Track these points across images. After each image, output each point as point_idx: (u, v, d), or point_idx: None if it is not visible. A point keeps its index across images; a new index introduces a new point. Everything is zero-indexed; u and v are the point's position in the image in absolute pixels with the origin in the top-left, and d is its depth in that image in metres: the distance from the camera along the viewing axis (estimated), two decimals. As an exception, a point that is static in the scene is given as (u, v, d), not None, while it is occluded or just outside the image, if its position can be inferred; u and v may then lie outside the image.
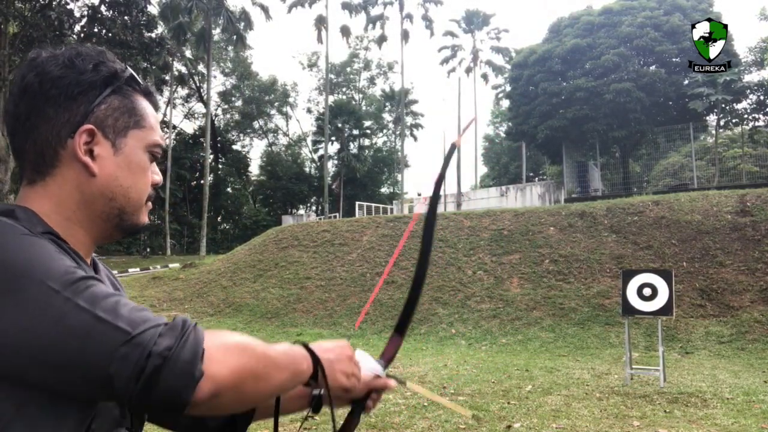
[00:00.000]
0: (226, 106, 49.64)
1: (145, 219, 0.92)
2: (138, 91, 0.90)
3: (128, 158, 0.87)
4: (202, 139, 41.79)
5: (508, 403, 6.00)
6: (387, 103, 51.52)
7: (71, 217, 0.84)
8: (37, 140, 0.82)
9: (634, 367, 7.38)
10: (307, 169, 51.47)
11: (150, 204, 0.94)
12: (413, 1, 59.73)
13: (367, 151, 49.27)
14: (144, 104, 0.90)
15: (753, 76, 23.82)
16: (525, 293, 12.05)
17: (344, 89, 53.87)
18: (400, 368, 8.29)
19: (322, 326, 12.54)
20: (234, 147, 50.05)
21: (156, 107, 0.95)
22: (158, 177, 0.93)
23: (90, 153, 0.83)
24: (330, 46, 45.54)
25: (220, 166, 47.25)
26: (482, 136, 58.55)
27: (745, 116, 23.84)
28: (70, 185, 0.83)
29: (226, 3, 34.14)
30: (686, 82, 22.78)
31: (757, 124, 23.93)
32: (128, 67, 0.90)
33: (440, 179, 1.16)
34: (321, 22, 39.19)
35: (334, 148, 45.22)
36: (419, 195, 34.70)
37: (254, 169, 53.04)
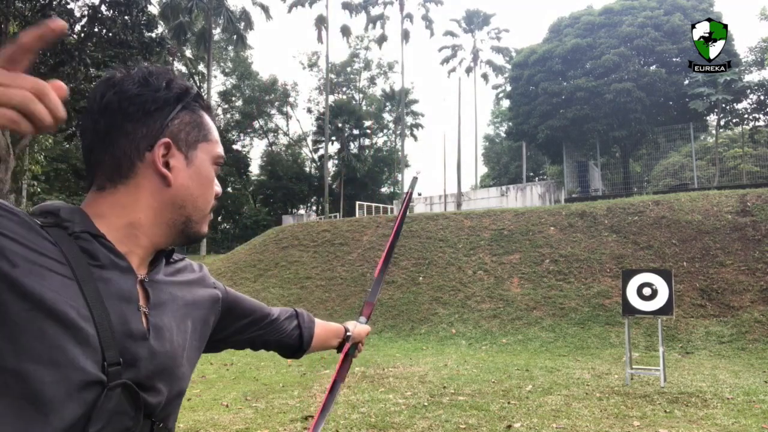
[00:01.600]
0: (226, 106, 49.63)
1: (206, 228, 0.96)
2: (202, 107, 0.95)
3: (198, 170, 0.92)
4: (202, 139, 41.71)
5: (509, 403, 6.00)
6: (387, 103, 51.52)
7: (136, 224, 0.88)
8: (116, 153, 0.87)
9: (634, 367, 7.38)
10: (307, 169, 51.47)
11: (211, 215, 0.98)
12: (413, 1, 59.74)
13: (367, 151, 49.27)
14: (207, 118, 0.96)
15: (753, 76, 23.84)
16: (525, 293, 12.05)
17: (344, 89, 53.87)
18: (400, 368, 8.29)
19: (322, 326, 12.54)
20: (234, 147, 50.02)
21: (214, 121, 1.00)
22: (219, 188, 0.98)
23: (167, 165, 0.88)
24: (330, 46, 45.61)
25: (220, 166, 47.20)
26: (482, 136, 58.63)
27: (746, 116, 23.83)
28: (144, 194, 0.88)
29: (227, 3, 34.14)
30: (686, 82, 22.77)
31: (757, 123, 23.91)
32: (194, 85, 0.96)
33: (405, 206, 1.42)
34: (321, 21, 39.19)
35: (334, 147, 45.23)
36: (419, 194, 34.68)
37: (254, 169, 53.08)
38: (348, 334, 1.45)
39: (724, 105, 22.33)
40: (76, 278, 0.77)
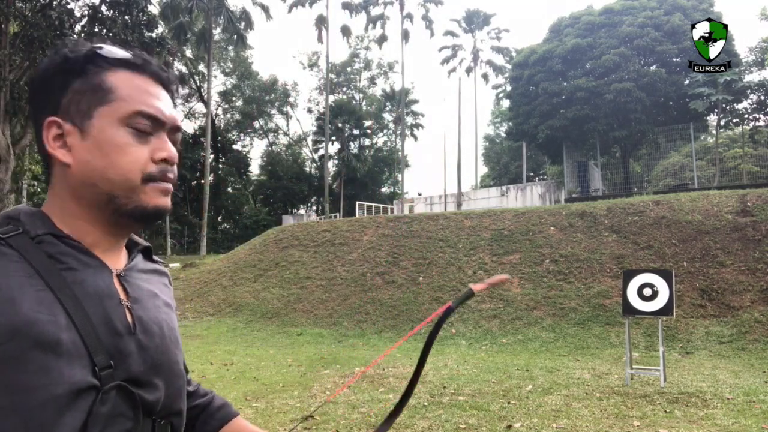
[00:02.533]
0: (226, 106, 49.66)
1: (154, 200, 0.84)
2: (111, 67, 0.84)
3: (97, 139, 0.82)
4: (202, 139, 41.77)
5: (509, 403, 6.00)
6: (387, 103, 51.54)
7: (72, 213, 0.84)
8: (40, 147, 0.85)
9: (634, 367, 7.38)
10: (307, 169, 51.49)
11: (165, 185, 0.86)
12: (413, 1, 59.71)
13: (367, 151, 49.30)
14: (118, 77, 0.84)
15: (753, 76, 23.84)
16: (525, 293, 12.05)
17: (345, 89, 53.89)
18: (400, 368, 8.29)
19: (322, 326, 12.54)
20: (234, 147, 50.07)
21: (155, 76, 0.88)
22: (163, 152, 0.85)
23: (66, 145, 0.82)
24: (330, 46, 45.62)
25: (220, 166, 47.27)
26: (482, 136, 58.65)
27: (746, 116, 23.83)
28: (59, 179, 0.84)
29: (227, 3, 34.13)
30: (687, 82, 22.76)
31: (757, 124, 23.91)
32: (92, 43, 0.85)
33: (448, 312, 1.13)
34: (321, 21, 39.19)
35: (334, 147, 45.24)
36: (419, 194, 34.69)
37: (254, 169, 53.13)
38: None
39: (724, 105, 22.32)
40: (50, 288, 0.74)
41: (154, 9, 34.85)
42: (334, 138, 44.56)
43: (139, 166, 0.83)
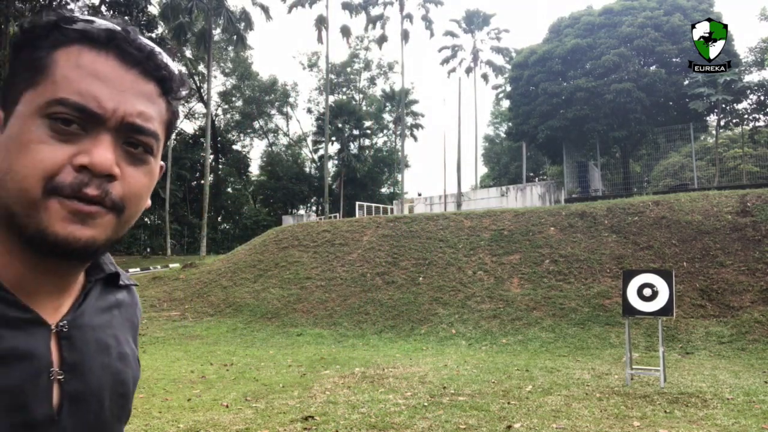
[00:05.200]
0: (226, 106, 49.69)
1: (56, 226, 0.59)
2: (67, 41, 0.63)
3: (7, 133, 0.61)
4: (202, 139, 41.80)
5: (509, 403, 6.00)
6: (387, 103, 51.56)
7: None
8: None
9: (634, 367, 7.38)
10: (307, 169, 51.51)
11: (73, 203, 0.60)
12: (413, 1, 59.75)
13: (367, 151, 49.31)
14: (67, 54, 0.62)
15: (753, 76, 23.87)
16: (525, 293, 12.05)
17: (344, 89, 53.92)
18: (400, 368, 8.29)
19: (322, 326, 12.54)
20: (234, 147, 50.11)
21: (121, 50, 0.64)
22: (85, 157, 0.60)
23: None
24: (330, 46, 45.61)
25: (220, 166, 47.30)
26: (482, 136, 58.67)
27: (746, 116, 23.85)
28: None
29: (227, 3, 34.13)
30: (686, 82, 22.78)
31: (757, 124, 23.93)
32: (62, 15, 0.64)
33: None
34: (321, 22, 39.20)
35: (334, 148, 45.24)
36: (419, 195, 34.68)
37: (254, 169, 53.19)
38: None
39: (724, 105, 22.33)
40: None
41: (154, 9, 34.94)
42: (334, 138, 44.56)
43: (42, 172, 0.58)
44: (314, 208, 50.03)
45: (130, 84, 0.64)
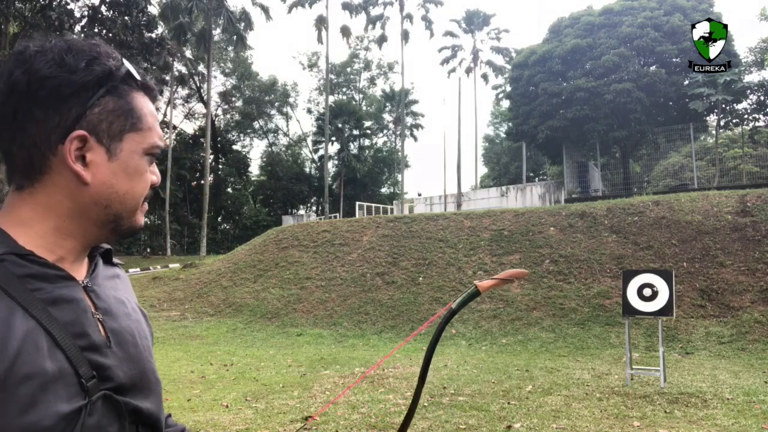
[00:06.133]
0: (226, 107, 49.67)
1: (141, 221, 0.87)
2: (135, 88, 0.84)
3: (125, 164, 0.81)
4: (202, 140, 41.79)
5: (509, 403, 6.00)
6: (387, 104, 51.58)
7: (60, 227, 0.80)
8: (25, 143, 0.76)
9: (634, 367, 7.38)
10: (307, 170, 51.53)
11: (146, 205, 0.89)
12: (413, 1, 59.77)
13: (367, 152, 49.33)
14: (142, 102, 0.84)
15: (753, 77, 23.90)
16: (525, 293, 12.05)
17: (344, 89, 53.93)
18: (400, 368, 8.29)
19: (322, 326, 12.54)
20: (234, 147, 50.11)
21: (154, 100, 0.89)
22: (156, 177, 0.88)
23: (82, 159, 0.78)
24: (330, 47, 45.62)
25: (220, 166, 47.29)
26: (482, 137, 58.68)
27: (746, 116, 23.84)
28: (61, 193, 0.78)
29: (227, 3, 34.15)
30: (686, 82, 22.77)
31: (757, 124, 23.92)
32: (124, 61, 0.83)
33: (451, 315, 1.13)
34: (321, 22, 39.20)
35: (334, 148, 45.26)
36: (419, 195, 34.69)
37: (254, 169, 53.18)
38: None
39: (724, 105, 22.33)
40: (32, 316, 0.71)
41: (153, 9, 34.88)
42: (333, 138, 44.58)
43: (145, 192, 0.87)
44: (314, 208, 50.04)
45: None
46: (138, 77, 0.84)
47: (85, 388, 0.72)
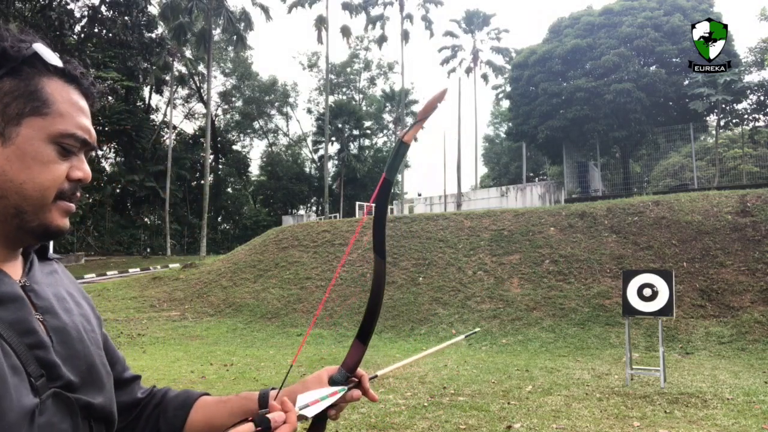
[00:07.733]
0: (226, 107, 49.71)
1: (57, 221, 0.79)
2: (48, 73, 0.78)
3: (21, 150, 0.75)
4: (202, 140, 41.80)
5: (509, 403, 6.00)
6: (387, 104, 51.57)
7: None
8: None
9: (634, 367, 7.38)
10: (307, 170, 51.53)
11: (67, 204, 0.80)
12: (413, 1, 59.79)
13: (367, 152, 49.33)
14: (54, 87, 0.78)
15: (753, 77, 23.82)
16: (525, 293, 12.05)
17: (344, 89, 53.93)
18: (400, 369, 8.28)
19: (322, 326, 12.54)
20: (234, 147, 50.11)
21: (85, 90, 0.83)
22: (81, 173, 0.80)
23: None
24: (330, 47, 45.62)
25: (220, 167, 47.29)
26: (482, 137, 58.68)
27: (746, 116, 23.83)
28: None
29: (227, 3, 34.15)
30: (686, 82, 22.77)
31: (757, 124, 23.91)
32: (36, 46, 0.77)
33: (387, 183, 0.93)
34: (321, 22, 39.21)
35: (334, 148, 45.26)
36: (419, 195, 34.69)
37: (254, 170, 53.19)
38: (263, 411, 0.87)
39: (724, 105, 22.33)
40: None
41: (153, 9, 34.92)
42: (333, 138, 44.58)
43: (56, 184, 0.78)
44: (314, 208, 50.05)
45: (89, 113, 0.83)
46: (56, 63, 0.78)
47: (35, 387, 0.71)
